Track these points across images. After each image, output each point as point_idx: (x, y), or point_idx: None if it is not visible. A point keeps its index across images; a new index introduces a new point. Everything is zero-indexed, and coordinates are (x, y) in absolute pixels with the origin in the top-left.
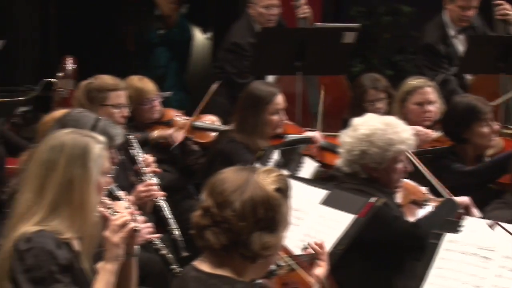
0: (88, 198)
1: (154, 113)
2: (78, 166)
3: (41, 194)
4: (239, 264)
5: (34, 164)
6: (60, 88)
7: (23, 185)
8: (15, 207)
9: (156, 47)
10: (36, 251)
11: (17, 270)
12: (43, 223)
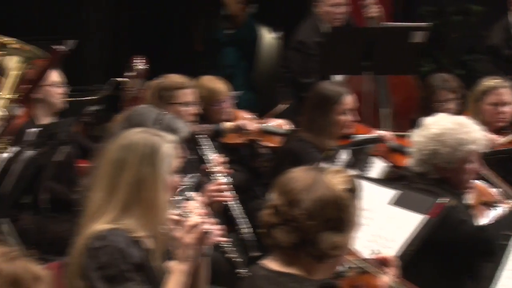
0: (158, 197)
1: (224, 114)
2: (147, 165)
3: (113, 193)
4: (307, 263)
5: (105, 163)
6: (130, 87)
7: (95, 184)
8: (87, 205)
9: (224, 47)
10: (109, 249)
11: (89, 268)
12: (115, 221)
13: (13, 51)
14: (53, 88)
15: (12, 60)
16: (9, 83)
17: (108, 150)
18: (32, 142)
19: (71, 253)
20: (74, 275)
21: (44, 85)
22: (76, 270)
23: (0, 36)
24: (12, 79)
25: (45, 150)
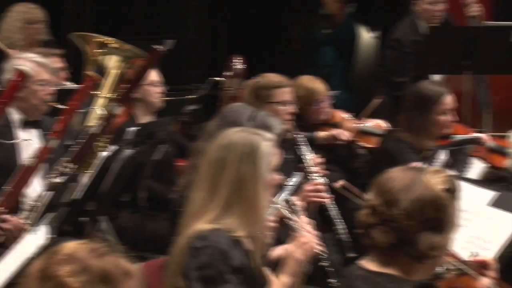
0: (258, 196)
1: (322, 114)
2: (248, 164)
3: (214, 193)
4: (405, 264)
5: (205, 163)
6: (228, 87)
7: (196, 184)
8: (188, 205)
9: (322, 46)
10: (210, 250)
11: (190, 267)
12: (216, 221)
13: (112, 51)
14: (152, 87)
15: (111, 60)
16: (108, 82)
17: (208, 150)
18: (131, 141)
19: (172, 252)
20: (175, 273)
21: (143, 84)
22: (177, 269)
23: (100, 36)
24: (112, 78)
25: (144, 149)
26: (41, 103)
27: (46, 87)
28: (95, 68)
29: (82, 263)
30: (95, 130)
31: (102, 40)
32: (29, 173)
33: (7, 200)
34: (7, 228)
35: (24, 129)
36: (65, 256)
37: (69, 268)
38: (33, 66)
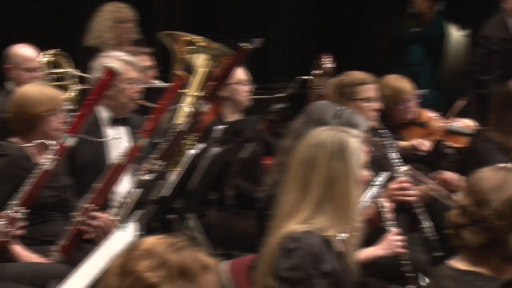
0: (350, 193)
1: (409, 114)
2: (338, 162)
3: (305, 192)
4: (496, 264)
5: (295, 163)
6: (317, 85)
7: (286, 184)
8: (279, 206)
9: (410, 45)
10: (302, 252)
11: (281, 267)
12: (308, 221)
13: (200, 49)
14: (240, 86)
15: (199, 58)
16: (196, 80)
17: (296, 150)
18: (218, 139)
19: (262, 251)
20: (265, 273)
21: (231, 83)
22: (267, 269)
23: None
24: (199, 77)
25: (231, 147)
26: (129, 101)
27: (134, 85)
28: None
29: (160, 257)
30: (182, 127)
31: (190, 39)
32: (118, 171)
33: (97, 197)
34: (97, 225)
35: (113, 127)
36: (143, 251)
37: (147, 263)
38: (121, 65)
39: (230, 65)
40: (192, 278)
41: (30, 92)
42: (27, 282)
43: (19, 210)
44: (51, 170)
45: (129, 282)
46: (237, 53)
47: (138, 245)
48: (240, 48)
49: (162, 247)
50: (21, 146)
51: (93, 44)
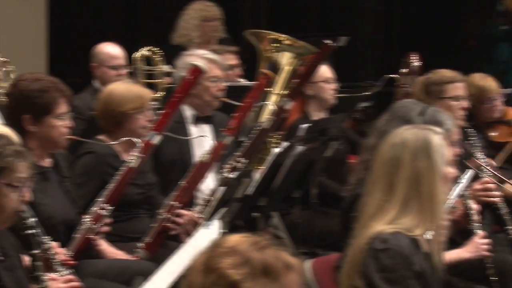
0: (436, 190)
1: (495, 112)
2: (423, 159)
3: (391, 192)
4: None
5: (379, 163)
6: (403, 84)
7: (371, 184)
8: (364, 206)
9: (498, 43)
10: (392, 253)
11: (371, 268)
12: (395, 221)
13: (286, 47)
14: (325, 84)
15: (284, 56)
16: (281, 79)
17: (380, 150)
18: (303, 138)
19: (348, 251)
20: (352, 273)
21: (317, 81)
22: (354, 269)
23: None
24: (285, 75)
25: (316, 145)
26: (213, 99)
27: (218, 83)
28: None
29: (244, 255)
30: (266, 125)
31: (276, 37)
32: (203, 169)
33: (182, 195)
34: (181, 223)
35: (196, 125)
36: (227, 248)
37: (231, 261)
38: (205, 63)
39: (314, 62)
40: (275, 277)
41: (118, 90)
42: (113, 278)
43: (105, 207)
44: (137, 168)
45: (212, 279)
46: (321, 50)
47: (221, 242)
48: (325, 45)
49: (246, 245)
50: (108, 144)
51: (180, 42)
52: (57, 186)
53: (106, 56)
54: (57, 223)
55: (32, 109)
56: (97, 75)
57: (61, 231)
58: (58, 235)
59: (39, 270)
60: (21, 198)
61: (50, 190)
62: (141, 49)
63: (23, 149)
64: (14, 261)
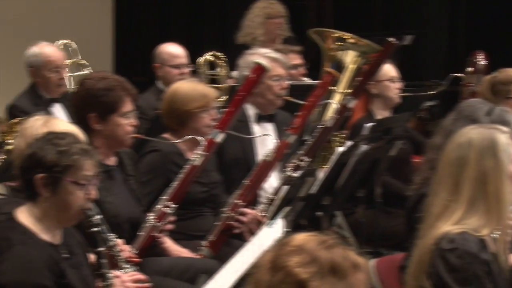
0: (503, 189)
1: None
2: (489, 159)
3: (457, 192)
4: None
5: (444, 163)
6: (469, 83)
7: (436, 185)
8: (429, 206)
9: None
10: (459, 253)
11: (440, 269)
12: (462, 221)
13: (350, 46)
14: (390, 83)
15: (348, 55)
16: (345, 77)
17: (446, 150)
18: (367, 137)
19: (414, 251)
20: (419, 273)
21: (382, 80)
22: (421, 269)
23: (338, 31)
24: (348, 73)
25: (380, 144)
26: (275, 98)
27: (280, 82)
28: (332, 64)
29: (311, 254)
30: (329, 124)
31: (340, 35)
32: (267, 168)
33: (245, 193)
34: (245, 221)
35: (259, 123)
36: (294, 247)
37: (298, 259)
38: (268, 61)
39: (378, 60)
40: (343, 276)
41: (183, 89)
42: (176, 276)
43: (169, 205)
44: (201, 166)
45: (279, 277)
46: (385, 48)
47: (289, 241)
48: (388, 43)
49: (313, 244)
50: (173, 142)
51: (244, 41)
52: (122, 184)
53: (168, 56)
54: (122, 221)
55: (98, 107)
56: (160, 75)
57: (126, 229)
58: (123, 233)
59: (105, 268)
60: (87, 196)
61: (115, 188)
62: (205, 54)
63: (89, 147)
64: (80, 258)
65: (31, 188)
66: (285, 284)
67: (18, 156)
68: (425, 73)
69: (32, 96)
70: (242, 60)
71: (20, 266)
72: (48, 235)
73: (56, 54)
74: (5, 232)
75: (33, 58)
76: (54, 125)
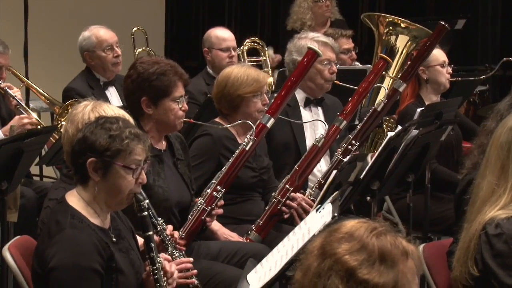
0: None
1: None
2: None
3: (504, 176)
4: None
5: (494, 146)
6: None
7: (484, 168)
8: (477, 190)
9: None
10: (505, 238)
11: (486, 254)
12: (508, 206)
13: (402, 30)
14: (441, 68)
15: (401, 40)
16: (397, 62)
17: (495, 133)
18: (418, 122)
19: (461, 236)
20: (466, 258)
21: (433, 65)
22: (468, 254)
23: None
24: (401, 58)
25: (431, 129)
26: (325, 82)
27: (330, 66)
28: (385, 49)
29: (361, 241)
30: (379, 108)
31: (392, 20)
32: (317, 153)
33: (295, 178)
34: (294, 206)
35: (307, 108)
36: (344, 234)
37: (347, 246)
38: (318, 46)
39: (429, 44)
40: (392, 264)
41: (235, 74)
42: (225, 260)
43: (219, 190)
44: (251, 151)
45: (328, 264)
46: (436, 31)
47: (338, 227)
48: (440, 26)
49: (363, 231)
50: (225, 127)
51: (294, 27)
52: (172, 168)
53: (216, 39)
54: (172, 205)
55: (149, 91)
56: (209, 59)
57: (175, 213)
58: (172, 216)
59: (153, 252)
60: (137, 181)
61: (165, 172)
62: (246, 42)
63: (140, 131)
64: (128, 242)
65: (81, 172)
66: (333, 271)
67: (67, 141)
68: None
69: (87, 79)
70: (291, 44)
71: (70, 249)
72: (98, 219)
73: (107, 34)
74: (55, 216)
75: (86, 41)
76: (103, 110)
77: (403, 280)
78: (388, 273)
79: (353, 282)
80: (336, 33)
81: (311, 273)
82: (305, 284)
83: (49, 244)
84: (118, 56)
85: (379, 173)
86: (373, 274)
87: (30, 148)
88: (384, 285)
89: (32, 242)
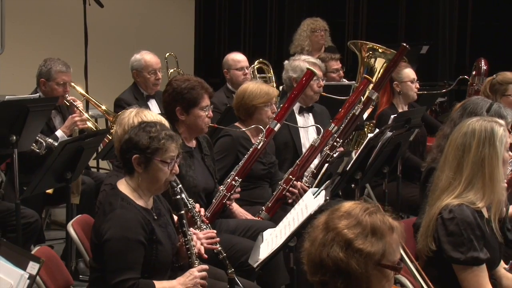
0: (497, 171)
1: None
2: (488, 146)
3: (459, 172)
4: None
5: (451, 147)
6: (474, 83)
7: (443, 164)
8: (437, 181)
9: None
10: (456, 221)
11: (440, 233)
12: (461, 195)
13: (379, 54)
14: (411, 83)
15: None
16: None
17: (452, 137)
18: (391, 125)
19: (423, 217)
20: (426, 236)
21: (405, 81)
22: (428, 232)
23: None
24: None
25: (401, 132)
26: (314, 94)
27: (318, 81)
28: (366, 68)
29: (357, 218)
30: (357, 112)
31: (372, 46)
32: (314, 151)
33: (296, 171)
34: (295, 192)
35: (301, 114)
36: (343, 212)
37: (346, 222)
38: (308, 65)
39: (394, 60)
40: (381, 236)
41: (250, 88)
42: (241, 234)
43: (236, 179)
44: (262, 149)
45: (331, 236)
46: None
47: (339, 207)
48: (402, 47)
49: (358, 210)
50: (242, 130)
51: (295, 51)
52: (200, 162)
53: (232, 62)
54: (199, 190)
55: (182, 102)
56: (228, 77)
57: (202, 196)
58: (200, 200)
59: (185, 227)
60: (172, 171)
61: (195, 165)
62: (256, 62)
63: (173, 133)
64: (166, 219)
65: (128, 166)
66: (335, 242)
67: (117, 140)
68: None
69: (134, 92)
70: (288, 64)
71: (120, 224)
72: (142, 201)
73: (153, 60)
74: (109, 198)
75: (136, 63)
76: (144, 115)
77: (389, 249)
78: (378, 243)
79: (350, 250)
80: (327, 57)
81: (317, 243)
82: (312, 252)
83: (103, 221)
84: (159, 79)
85: (361, 166)
86: (366, 244)
87: (89, 146)
88: (375, 253)
89: (91, 219)
